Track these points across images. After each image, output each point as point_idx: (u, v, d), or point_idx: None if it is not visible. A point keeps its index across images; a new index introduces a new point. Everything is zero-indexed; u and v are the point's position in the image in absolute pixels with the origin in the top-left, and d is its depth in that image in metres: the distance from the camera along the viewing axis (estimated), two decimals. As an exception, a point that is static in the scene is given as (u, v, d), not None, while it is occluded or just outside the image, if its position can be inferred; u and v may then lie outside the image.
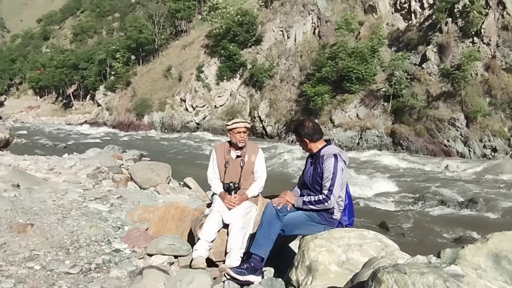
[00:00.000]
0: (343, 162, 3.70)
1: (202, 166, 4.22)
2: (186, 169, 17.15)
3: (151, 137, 34.59)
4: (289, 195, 3.86)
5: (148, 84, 45.37)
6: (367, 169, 19.49)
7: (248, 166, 4.35)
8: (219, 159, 4.42)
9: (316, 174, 3.71)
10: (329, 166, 3.60)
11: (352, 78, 28.07)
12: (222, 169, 4.37)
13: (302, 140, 3.86)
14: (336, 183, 3.59)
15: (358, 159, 22.28)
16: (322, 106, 28.76)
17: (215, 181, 4.39)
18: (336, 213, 3.75)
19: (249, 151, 4.41)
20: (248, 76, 38.17)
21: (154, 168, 8.85)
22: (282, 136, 32.43)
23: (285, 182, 14.57)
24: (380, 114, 27.05)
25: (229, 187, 4.22)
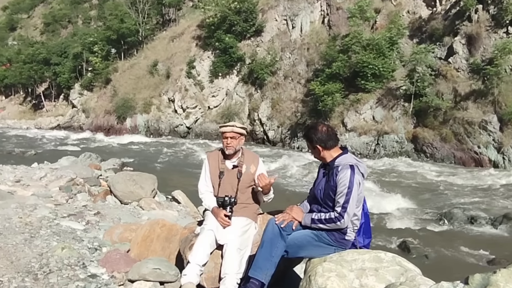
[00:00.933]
0: (361, 175, 3.69)
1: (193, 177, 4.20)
2: (174, 181, 17.12)
3: (134, 143, 34.58)
4: (296, 211, 3.85)
5: (131, 82, 45.40)
6: (384, 180, 19.46)
7: (246, 178, 4.35)
8: (212, 169, 4.41)
9: (328, 187, 3.70)
10: (344, 179, 3.59)
11: (367, 75, 28.11)
12: (216, 180, 4.36)
13: (314, 147, 3.84)
14: (352, 199, 3.57)
15: (375, 169, 22.26)
16: (332, 107, 28.78)
17: (207, 195, 4.37)
18: (349, 233, 3.74)
19: (247, 160, 4.42)
20: (246, 73, 38.21)
21: (137, 179, 8.85)
22: (286, 142, 32.42)
23: (289, 196, 14.57)
24: (400, 116, 27.08)
25: (224, 202, 4.21)
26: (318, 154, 3.85)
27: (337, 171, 3.66)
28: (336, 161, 3.75)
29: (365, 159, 25.39)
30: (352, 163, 3.69)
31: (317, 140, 3.81)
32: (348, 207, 3.57)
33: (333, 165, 3.75)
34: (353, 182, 3.58)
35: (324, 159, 3.82)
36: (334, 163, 3.74)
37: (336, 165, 3.72)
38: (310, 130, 3.85)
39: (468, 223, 12.22)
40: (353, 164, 3.69)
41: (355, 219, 3.72)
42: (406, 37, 30.48)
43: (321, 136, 3.80)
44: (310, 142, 3.85)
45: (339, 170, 3.65)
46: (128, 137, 38.90)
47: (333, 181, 3.67)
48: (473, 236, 11.23)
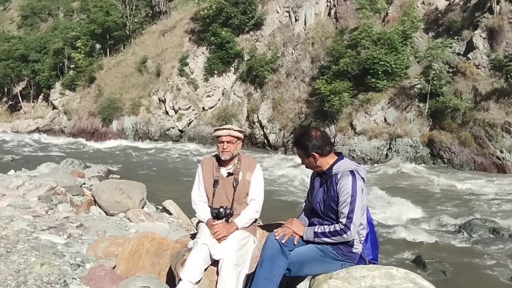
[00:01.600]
0: (362, 180, 3.71)
1: (186, 185, 4.22)
2: (165, 190, 17.11)
3: (121, 148, 34.61)
4: (296, 224, 3.86)
5: (118, 81, 45.44)
6: (397, 188, 19.46)
7: (242, 186, 4.37)
8: (206, 178, 4.44)
9: (329, 198, 3.71)
10: (346, 187, 3.60)
11: (378, 72, 28.15)
12: (210, 190, 4.38)
13: (309, 155, 3.82)
14: (356, 208, 3.58)
15: (386, 175, 22.28)
16: (340, 107, 28.80)
17: (201, 206, 4.39)
18: (356, 245, 3.76)
19: (244, 167, 4.44)
20: (245, 70, 38.27)
21: (124, 188, 8.87)
22: (289, 146, 32.40)
23: (291, 207, 14.57)
24: (415, 118, 27.10)
25: (219, 214, 4.23)
26: (313, 163, 3.83)
27: (337, 179, 3.67)
28: (333, 168, 3.76)
29: (376, 165, 25.42)
30: (351, 169, 3.71)
31: (313, 147, 3.80)
32: (354, 217, 3.58)
33: (330, 173, 3.75)
34: (356, 189, 3.60)
35: (320, 168, 3.81)
36: (332, 171, 3.75)
37: (334, 172, 3.73)
38: (303, 137, 3.83)
39: (490, 236, 12.21)
40: (352, 169, 3.71)
41: (361, 229, 3.74)
42: (421, 30, 30.53)
43: (316, 142, 3.80)
44: (305, 150, 3.82)
45: (338, 178, 3.67)
46: (115, 141, 38.94)
47: (334, 190, 3.68)
48: (496, 250, 11.22)
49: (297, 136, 3.95)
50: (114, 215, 8.53)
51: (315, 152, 3.81)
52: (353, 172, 3.67)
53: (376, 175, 22.33)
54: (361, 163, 25.89)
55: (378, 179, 21.65)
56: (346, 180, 3.62)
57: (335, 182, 3.68)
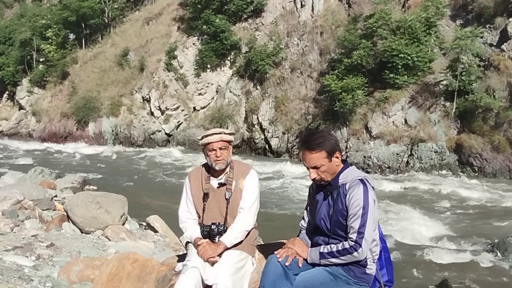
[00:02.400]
0: (373, 190, 3.73)
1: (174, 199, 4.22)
2: (150, 203, 17.09)
3: (98, 155, 34.55)
4: (299, 244, 3.88)
5: (95, 77, 45.45)
6: (419, 201, 19.45)
7: (236, 198, 4.37)
8: (194, 191, 4.45)
9: (336, 212, 3.71)
10: (357, 198, 3.61)
11: (397, 66, 28.16)
12: (200, 205, 4.39)
13: (332, 156, 3.75)
14: (369, 221, 3.59)
15: (407, 186, 22.24)
16: (353, 107, 28.79)
17: (190, 224, 4.40)
18: (370, 265, 3.76)
19: (237, 175, 4.45)
20: (243, 64, 38.27)
21: (102, 201, 8.87)
22: (294, 152, 32.39)
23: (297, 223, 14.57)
24: (440, 120, 27.10)
25: (211, 231, 4.24)
26: (333, 169, 3.76)
27: (345, 190, 3.69)
28: (340, 178, 3.76)
29: (395, 174, 25.41)
30: (361, 177, 3.72)
31: (336, 144, 3.79)
32: (366, 231, 3.59)
33: (336, 183, 3.76)
34: (368, 200, 3.61)
35: (332, 176, 3.78)
36: (338, 181, 3.76)
37: (341, 182, 3.74)
38: (321, 134, 3.78)
39: (528, 256, 12.21)
40: (362, 178, 3.72)
41: (373, 246, 3.75)
42: (447, 17, 30.58)
43: (335, 142, 3.79)
44: (330, 149, 3.73)
45: (347, 189, 3.68)
46: (91, 147, 38.84)
47: (342, 203, 3.68)
48: (535, 273, 11.22)
49: (312, 135, 3.81)
50: (90, 232, 8.54)
51: (339, 151, 3.81)
52: (364, 181, 3.68)
53: (395, 186, 22.30)
54: (377, 172, 25.90)
55: (397, 190, 21.63)
56: (357, 191, 3.62)
57: (343, 194, 3.68)
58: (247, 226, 4.32)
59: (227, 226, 4.28)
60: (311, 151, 3.72)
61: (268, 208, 17.39)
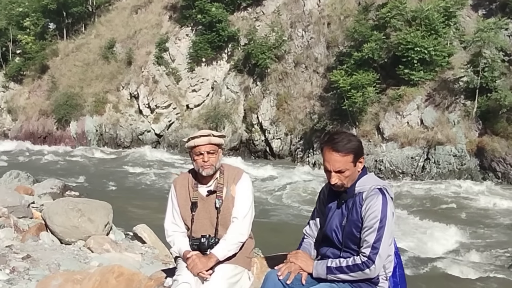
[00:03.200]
0: (392, 201, 3.69)
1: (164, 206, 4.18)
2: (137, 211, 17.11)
3: (81, 158, 34.58)
4: (302, 257, 3.84)
5: (77, 71, 45.51)
6: (436, 210, 19.48)
7: (228, 206, 4.34)
8: (181, 201, 4.42)
9: (350, 223, 3.68)
10: (375, 210, 3.58)
11: (413, 61, 28.18)
12: (188, 215, 4.36)
13: (358, 161, 3.73)
14: (385, 236, 3.57)
15: (422, 194, 22.26)
16: (363, 106, 28.82)
17: (177, 237, 4.38)
18: (382, 282, 3.74)
19: (228, 180, 4.42)
20: (241, 58, 38.33)
21: (84, 209, 8.87)
22: (298, 155, 32.43)
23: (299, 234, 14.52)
24: (460, 120, 27.11)
25: (201, 245, 4.22)
26: (355, 174, 3.74)
27: (361, 200, 3.66)
28: (356, 186, 3.73)
29: (410, 179, 25.40)
30: (380, 186, 3.69)
31: (362, 150, 3.77)
32: (381, 247, 3.56)
33: (352, 191, 3.73)
34: (387, 212, 3.58)
35: (349, 183, 3.74)
36: (355, 188, 3.73)
37: (358, 191, 3.71)
38: (348, 138, 3.72)
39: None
40: (381, 187, 3.69)
41: (387, 261, 3.72)
42: (468, 7, 30.62)
43: (361, 145, 3.78)
44: (357, 152, 3.71)
45: (364, 198, 3.65)
46: (73, 148, 38.90)
47: (358, 213, 3.66)
48: None
49: (340, 134, 3.77)
50: (71, 243, 8.54)
51: (363, 156, 3.80)
52: (383, 191, 3.66)
53: (409, 193, 22.32)
54: (390, 177, 25.92)
55: (411, 198, 21.62)
56: (375, 201, 3.60)
57: (359, 203, 3.66)
58: (241, 237, 4.28)
59: (218, 238, 4.25)
60: (338, 153, 3.67)
61: (269, 217, 17.39)
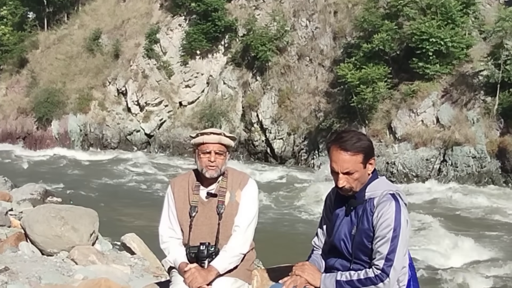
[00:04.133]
0: (405, 208, 3.67)
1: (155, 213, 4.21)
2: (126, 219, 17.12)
3: (64, 160, 34.50)
4: (309, 270, 3.83)
5: (59, 65, 45.33)
6: (453, 216, 19.46)
7: (231, 212, 4.34)
8: (179, 204, 4.41)
9: (360, 233, 3.67)
10: (387, 218, 3.55)
11: (428, 53, 28.11)
12: (186, 221, 4.36)
13: (368, 162, 3.71)
14: (399, 246, 3.55)
15: (438, 199, 22.20)
16: (373, 103, 28.76)
17: (173, 244, 4.38)
18: (395, 296, 3.75)
19: (232, 185, 4.42)
20: (239, 50, 38.22)
21: (68, 217, 8.85)
22: (302, 157, 32.38)
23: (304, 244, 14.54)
24: (479, 118, 27.07)
25: (199, 254, 4.20)
26: (365, 177, 3.70)
27: (372, 206, 3.63)
28: (367, 191, 3.69)
29: (425, 183, 25.36)
30: (393, 191, 3.66)
31: (373, 150, 3.74)
32: (395, 258, 3.53)
33: (362, 197, 3.69)
34: (401, 220, 3.55)
35: (358, 187, 3.69)
36: (365, 194, 3.69)
37: (368, 196, 3.67)
38: (358, 137, 3.68)
39: None
40: (394, 192, 3.66)
41: (401, 274, 3.69)
42: (488, -6, 30.59)
43: (372, 145, 3.75)
44: (367, 156, 3.67)
45: (375, 205, 3.62)
46: (55, 150, 38.76)
47: (368, 222, 3.63)
48: None
49: (349, 132, 3.73)
50: (53, 254, 8.50)
51: (374, 157, 3.77)
52: (396, 197, 3.63)
53: (424, 199, 22.29)
54: (403, 181, 25.89)
55: (426, 204, 21.59)
56: (387, 208, 3.57)
57: (370, 211, 3.63)
58: (243, 249, 4.28)
59: (218, 247, 4.23)
60: (346, 152, 3.62)
61: (270, 225, 17.36)
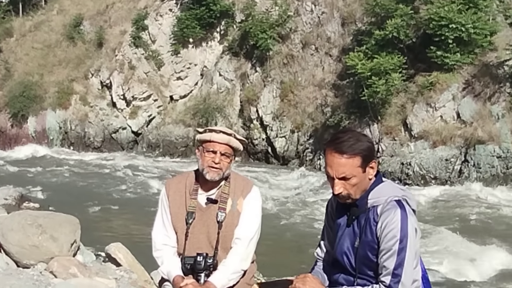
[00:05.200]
0: (414, 215, 3.65)
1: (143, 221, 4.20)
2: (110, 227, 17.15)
3: (41, 161, 34.50)
4: (311, 283, 3.76)
5: (36, 55, 45.28)
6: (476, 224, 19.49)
7: (232, 222, 4.38)
8: (174, 209, 4.45)
9: (364, 245, 3.65)
10: (392, 228, 3.51)
11: (447, 41, 28.08)
12: (182, 228, 4.40)
13: (368, 166, 3.65)
14: (407, 259, 3.51)
15: (459, 204, 22.21)
16: (387, 96, 28.72)
17: (167, 253, 4.41)
18: (405, 313, 3.76)
19: (235, 191, 4.45)
20: (237, 38, 38.18)
21: (46, 224, 8.86)
22: (306, 158, 32.38)
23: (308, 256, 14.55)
24: (505, 113, 27.07)
25: (196, 265, 4.23)
26: (364, 184, 3.65)
27: (376, 215, 3.60)
28: (369, 198, 3.66)
29: (444, 187, 25.34)
30: (398, 197, 3.62)
31: (373, 152, 3.72)
32: (403, 273, 3.50)
33: (364, 205, 3.66)
34: (407, 230, 3.50)
35: (358, 194, 3.66)
36: (367, 201, 3.65)
37: (372, 204, 3.64)
38: (354, 138, 3.63)
39: None
40: (400, 198, 3.62)
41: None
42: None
43: (372, 147, 3.71)
44: (366, 159, 3.61)
45: (379, 213, 3.59)
46: (31, 149, 38.74)
47: (372, 233, 3.60)
48: None
49: (344, 133, 3.68)
50: (30, 266, 8.51)
51: (375, 160, 3.71)
52: (402, 204, 3.58)
53: (442, 203, 22.31)
54: (419, 184, 25.87)
55: (445, 209, 21.62)
56: (392, 217, 3.52)
57: (373, 220, 3.60)
58: (245, 265, 4.33)
59: (217, 259, 4.27)
60: (342, 155, 3.56)
61: (271, 234, 17.30)
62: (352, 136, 3.60)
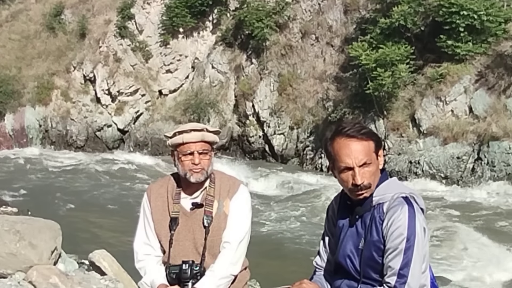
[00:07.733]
0: (422, 213, 3.66)
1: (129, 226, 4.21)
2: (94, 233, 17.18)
3: (19, 162, 34.54)
4: None
5: (13, 46, 45.28)
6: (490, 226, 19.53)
7: (219, 226, 4.38)
8: (157, 215, 4.45)
9: (369, 245, 3.65)
10: (399, 226, 3.52)
11: (458, 29, 28.13)
12: (165, 235, 4.39)
13: (378, 152, 3.70)
14: (414, 259, 3.52)
15: (471, 205, 22.26)
16: (393, 90, 28.76)
17: (150, 263, 4.41)
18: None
19: (220, 192, 4.45)
20: (231, 27, 38.22)
21: (24, 230, 8.89)
22: (307, 157, 32.43)
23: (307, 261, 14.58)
24: (521, 107, 27.18)
25: (182, 274, 4.21)
26: (375, 174, 3.66)
27: (382, 213, 3.60)
28: (374, 195, 3.66)
29: (455, 186, 25.38)
30: (405, 194, 3.63)
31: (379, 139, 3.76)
32: (410, 274, 3.50)
33: (369, 202, 3.66)
34: (415, 228, 3.51)
35: (374, 185, 3.65)
36: (372, 199, 3.66)
37: (377, 201, 3.65)
38: (356, 124, 3.69)
39: None
40: (407, 195, 3.63)
41: None
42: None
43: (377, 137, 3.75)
44: (377, 145, 3.68)
45: (385, 211, 3.59)
46: (8, 149, 38.75)
47: (378, 232, 3.60)
48: None
49: (348, 123, 3.73)
50: (7, 276, 8.55)
51: (381, 150, 3.73)
52: (409, 200, 3.59)
53: (453, 204, 22.35)
54: (429, 184, 25.88)
55: (456, 210, 21.64)
56: (399, 214, 3.52)
57: (379, 218, 3.60)
58: (234, 269, 4.33)
59: (204, 266, 4.26)
60: (358, 140, 3.58)
61: (268, 239, 17.40)
62: (356, 123, 3.65)
